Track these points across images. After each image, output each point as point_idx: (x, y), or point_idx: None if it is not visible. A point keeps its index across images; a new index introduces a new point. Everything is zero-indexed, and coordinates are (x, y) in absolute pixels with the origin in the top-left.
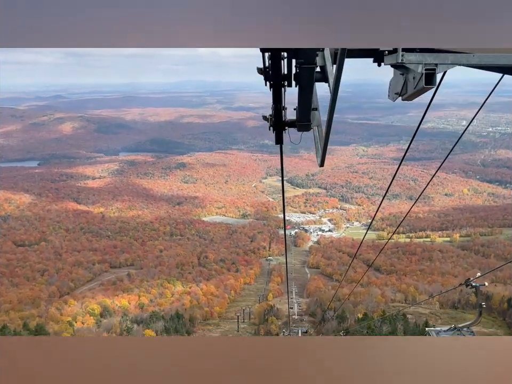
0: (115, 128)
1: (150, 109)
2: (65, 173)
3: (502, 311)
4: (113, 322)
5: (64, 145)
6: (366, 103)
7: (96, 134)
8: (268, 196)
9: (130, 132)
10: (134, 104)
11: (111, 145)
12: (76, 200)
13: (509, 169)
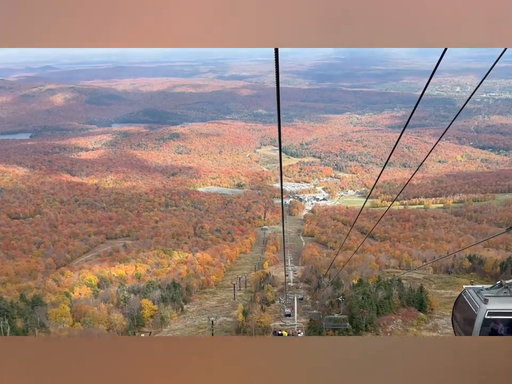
0: (107, 99)
1: (141, 79)
2: (58, 145)
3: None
4: (110, 292)
5: (56, 117)
6: (360, 70)
7: (88, 105)
8: (263, 166)
9: (122, 102)
10: (125, 74)
11: (103, 117)
12: (69, 172)
13: (502, 135)
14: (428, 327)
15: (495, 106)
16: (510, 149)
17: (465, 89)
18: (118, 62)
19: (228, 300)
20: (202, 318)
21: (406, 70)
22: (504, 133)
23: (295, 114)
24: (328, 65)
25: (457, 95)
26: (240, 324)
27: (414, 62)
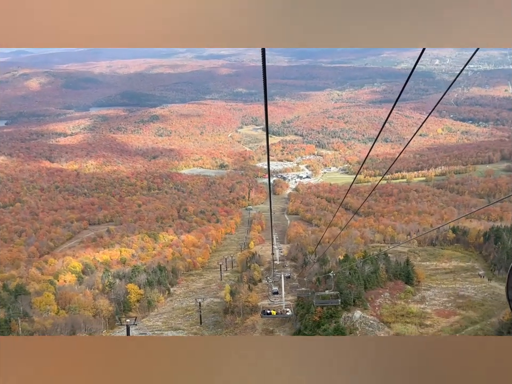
0: (83, 83)
1: (118, 61)
2: (35, 132)
3: (478, 245)
4: (95, 278)
5: (31, 103)
6: None
7: (64, 89)
8: (245, 146)
9: (99, 85)
10: (101, 56)
11: (80, 101)
12: (48, 158)
13: (481, 107)
14: (415, 299)
15: (474, 78)
16: (489, 121)
17: (444, 61)
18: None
19: (214, 281)
20: (189, 300)
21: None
22: (483, 104)
23: (276, 92)
24: None
25: (436, 68)
26: (227, 304)
27: None
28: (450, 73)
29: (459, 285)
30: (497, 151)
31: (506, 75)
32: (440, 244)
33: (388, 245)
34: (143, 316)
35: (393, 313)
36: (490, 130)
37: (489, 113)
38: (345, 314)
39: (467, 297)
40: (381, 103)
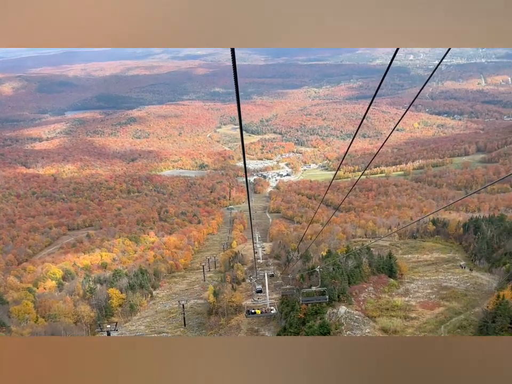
0: (58, 86)
1: (93, 63)
2: (10, 137)
3: (458, 236)
4: (76, 284)
5: (5, 108)
6: None
7: (38, 94)
8: (224, 145)
9: (74, 89)
10: (76, 59)
11: (55, 105)
12: (24, 164)
13: (456, 100)
14: (399, 292)
15: (447, 72)
16: (464, 114)
17: (418, 57)
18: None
19: (198, 282)
20: (173, 302)
21: None
22: (457, 98)
23: (253, 91)
24: None
25: (410, 63)
26: (211, 305)
27: None
28: (424, 68)
29: (441, 276)
30: (472, 143)
31: (479, 68)
32: (420, 236)
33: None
34: (125, 320)
35: (378, 307)
36: (465, 123)
37: (464, 107)
38: (330, 310)
39: (450, 288)
40: (358, 99)
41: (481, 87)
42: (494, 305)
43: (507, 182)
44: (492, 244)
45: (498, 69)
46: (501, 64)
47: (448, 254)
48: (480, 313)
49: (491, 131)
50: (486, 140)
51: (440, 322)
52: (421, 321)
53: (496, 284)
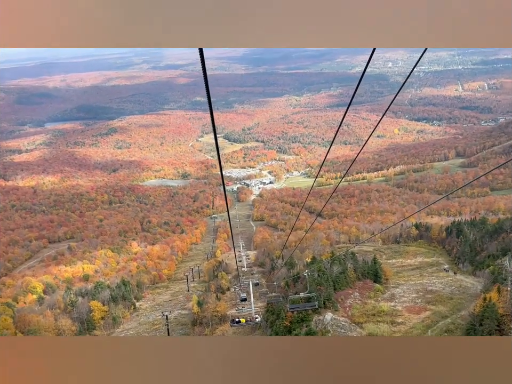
0: (37, 98)
1: (73, 74)
2: None
3: (441, 240)
4: (56, 297)
5: None
6: (295, 52)
7: (17, 105)
8: (206, 154)
9: (54, 100)
10: (55, 70)
11: (35, 116)
12: (3, 177)
13: (434, 106)
14: (385, 298)
15: (425, 79)
16: (443, 119)
17: (396, 64)
18: (47, 59)
19: (181, 293)
20: (156, 313)
21: (339, 50)
22: (436, 104)
23: (235, 100)
24: (263, 49)
25: (389, 71)
26: (195, 315)
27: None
28: (403, 75)
29: (426, 280)
30: (452, 148)
31: (456, 75)
32: (404, 241)
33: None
34: (108, 333)
35: (364, 313)
36: (444, 129)
37: (442, 112)
38: (316, 317)
39: (435, 292)
40: (338, 107)
41: (458, 93)
42: (480, 308)
43: (487, 186)
44: (474, 247)
45: (474, 75)
46: (477, 70)
47: (432, 258)
48: (467, 317)
49: (469, 136)
50: (464, 145)
51: (427, 326)
52: (408, 326)
53: (481, 286)
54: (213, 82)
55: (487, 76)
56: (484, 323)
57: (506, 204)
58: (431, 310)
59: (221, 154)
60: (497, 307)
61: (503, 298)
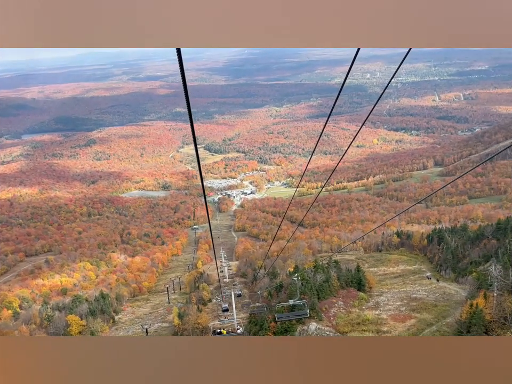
0: (14, 110)
1: (51, 86)
2: None
3: (423, 248)
4: (32, 312)
5: None
6: (275, 63)
7: None
8: (187, 165)
9: (31, 112)
10: (33, 82)
11: (11, 128)
12: None
13: (412, 117)
14: (369, 306)
15: (403, 90)
16: (420, 129)
17: (375, 75)
18: (23, 70)
19: (162, 305)
20: (136, 327)
21: (318, 61)
22: (413, 114)
23: (215, 110)
24: (243, 60)
25: (367, 82)
26: (176, 328)
27: (325, 52)
28: (381, 86)
29: (410, 288)
30: (430, 157)
31: (433, 86)
32: (386, 249)
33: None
34: None
35: (349, 322)
36: (422, 139)
37: (420, 122)
38: (300, 327)
39: (420, 300)
40: (318, 117)
41: (435, 103)
42: (467, 314)
43: (465, 194)
44: (456, 254)
45: (450, 86)
46: (452, 81)
47: (414, 266)
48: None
49: (447, 145)
50: (442, 154)
51: (412, 334)
52: (393, 335)
53: (465, 293)
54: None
55: (462, 87)
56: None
57: (484, 211)
58: (416, 318)
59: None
60: (484, 313)
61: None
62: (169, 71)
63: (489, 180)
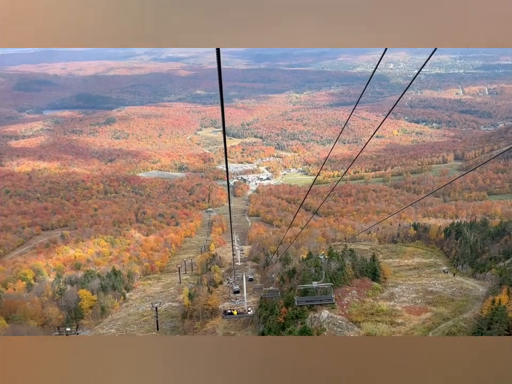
0: (37, 85)
1: (73, 63)
2: None
3: (439, 241)
4: (45, 285)
5: None
6: (296, 49)
7: (16, 91)
8: (204, 148)
9: (53, 88)
10: (55, 58)
11: (33, 103)
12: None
13: (434, 109)
14: (383, 297)
15: (426, 82)
16: (442, 122)
17: (398, 65)
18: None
19: (173, 285)
20: (146, 305)
21: (341, 49)
22: (435, 107)
23: (235, 94)
24: None
25: (390, 72)
26: (186, 308)
27: None
28: (404, 77)
29: (425, 281)
30: (450, 151)
31: (457, 79)
32: (401, 241)
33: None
34: (96, 323)
35: (362, 312)
36: (443, 132)
37: (442, 115)
38: (311, 314)
39: (436, 293)
40: (338, 106)
41: (459, 96)
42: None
43: (484, 190)
44: (475, 249)
45: (475, 80)
46: (477, 75)
47: (430, 259)
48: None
49: (468, 140)
50: (463, 148)
51: (427, 328)
52: (408, 327)
53: (484, 289)
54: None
55: (487, 81)
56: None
57: (503, 208)
58: (432, 311)
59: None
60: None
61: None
62: (190, 53)
63: (510, 177)
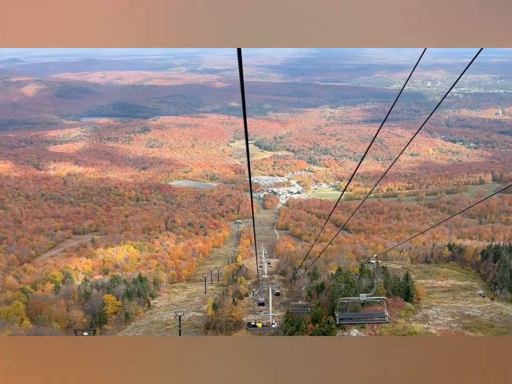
0: (76, 92)
1: (112, 72)
2: (25, 139)
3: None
4: (72, 288)
5: (22, 110)
6: (333, 65)
7: (57, 98)
8: (236, 159)
9: (92, 96)
10: (96, 67)
11: (72, 110)
12: (36, 166)
13: (471, 129)
14: (417, 318)
15: (464, 101)
16: (480, 142)
17: (436, 84)
18: (89, 55)
19: (198, 294)
20: (170, 313)
21: (378, 65)
22: (473, 126)
23: (269, 107)
24: (301, 60)
25: (428, 90)
26: (210, 318)
27: (386, 57)
28: (441, 95)
29: (461, 304)
30: (488, 172)
31: (497, 99)
32: (435, 261)
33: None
34: (119, 329)
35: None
36: (481, 152)
37: (480, 135)
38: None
39: (473, 317)
40: (373, 122)
41: (498, 117)
42: None
43: None
44: None
45: None
46: None
47: (465, 282)
48: None
49: (507, 161)
50: (502, 170)
51: None
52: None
53: None
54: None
55: None
56: None
57: None
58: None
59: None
60: None
61: None
62: (227, 66)
63: None
